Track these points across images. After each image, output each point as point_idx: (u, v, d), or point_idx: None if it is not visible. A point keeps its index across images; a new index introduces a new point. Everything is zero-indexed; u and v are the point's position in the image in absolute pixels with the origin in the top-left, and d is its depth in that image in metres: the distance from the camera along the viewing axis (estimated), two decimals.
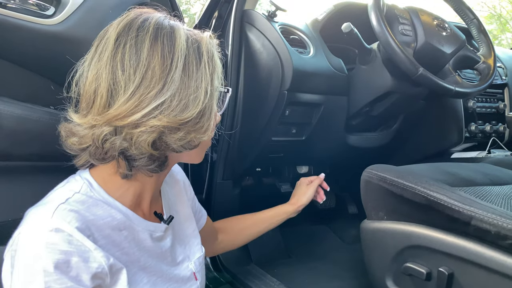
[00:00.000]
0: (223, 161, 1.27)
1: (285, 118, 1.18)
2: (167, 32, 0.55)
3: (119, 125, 0.53)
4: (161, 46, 0.54)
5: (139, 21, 0.56)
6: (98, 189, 0.59)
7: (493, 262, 0.71)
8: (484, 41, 1.31)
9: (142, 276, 0.60)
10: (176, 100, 0.54)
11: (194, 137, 0.57)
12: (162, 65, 0.54)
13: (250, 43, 1.18)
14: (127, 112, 0.53)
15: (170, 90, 0.53)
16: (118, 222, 0.58)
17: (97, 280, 0.52)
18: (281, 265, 1.38)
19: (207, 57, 0.57)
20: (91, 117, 0.55)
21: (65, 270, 0.49)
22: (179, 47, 0.55)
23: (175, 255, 0.70)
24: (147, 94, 0.53)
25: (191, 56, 0.56)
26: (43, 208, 0.53)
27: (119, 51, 0.54)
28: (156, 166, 0.58)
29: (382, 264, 0.93)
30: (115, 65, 0.53)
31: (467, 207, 0.75)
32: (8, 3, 0.71)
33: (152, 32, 0.55)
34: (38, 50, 0.75)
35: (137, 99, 0.53)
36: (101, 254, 0.52)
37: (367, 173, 0.94)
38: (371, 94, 1.26)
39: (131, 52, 0.54)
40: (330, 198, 1.75)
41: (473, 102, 1.48)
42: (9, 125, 0.70)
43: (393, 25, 1.16)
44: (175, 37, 0.55)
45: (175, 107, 0.54)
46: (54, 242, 0.49)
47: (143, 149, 0.54)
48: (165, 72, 0.54)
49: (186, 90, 0.55)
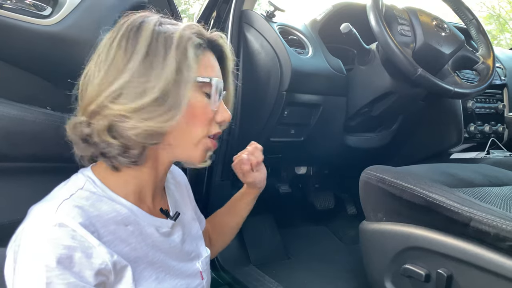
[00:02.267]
0: (221, 162, 1.26)
1: (284, 118, 1.18)
2: (134, 26, 0.58)
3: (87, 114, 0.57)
4: (126, 39, 0.57)
5: (121, 24, 0.59)
6: (101, 186, 0.59)
7: (492, 264, 0.71)
8: (483, 42, 1.31)
9: (151, 272, 0.60)
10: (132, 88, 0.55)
11: (149, 126, 0.56)
12: (124, 54, 0.56)
13: (249, 44, 1.18)
14: (89, 101, 0.57)
15: (124, 77, 0.55)
16: (123, 217, 0.58)
17: (100, 277, 0.52)
18: (280, 266, 1.37)
19: (176, 46, 0.57)
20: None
21: (68, 265, 0.49)
22: (143, 37, 0.57)
23: (185, 251, 0.69)
24: (106, 82, 0.56)
25: (156, 46, 0.57)
26: (47, 204, 0.53)
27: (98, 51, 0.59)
28: (129, 157, 0.58)
29: (381, 266, 0.92)
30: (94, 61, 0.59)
31: (466, 208, 0.74)
32: (5, 3, 0.70)
33: (125, 30, 0.58)
34: (35, 50, 0.74)
35: (98, 86, 0.56)
36: (105, 251, 0.52)
37: (366, 174, 0.94)
38: (370, 94, 1.25)
39: (105, 48, 0.58)
40: (329, 199, 1.75)
41: (472, 103, 1.47)
42: (5, 126, 0.70)
43: (392, 25, 1.15)
44: (141, 30, 0.58)
45: (129, 95, 0.55)
46: (58, 237, 0.49)
47: (102, 136, 0.56)
48: (124, 61, 0.56)
49: (143, 79, 0.55)
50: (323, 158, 1.47)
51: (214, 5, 1.25)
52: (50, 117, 0.74)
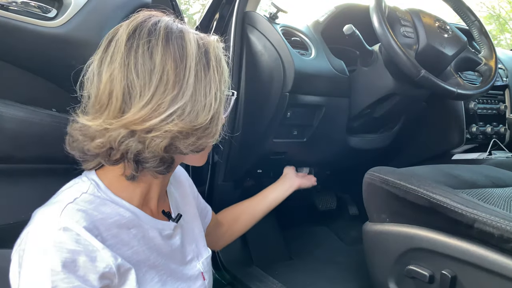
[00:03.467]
0: (224, 163, 1.27)
1: (287, 120, 1.18)
2: (177, 36, 0.56)
3: (135, 129, 0.54)
4: (173, 50, 0.54)
5: (149, 24, 0.56)
6: (105, 190, 0.59)
7: (496, 265, 0.71)
8: (486, 43, 1.31)
9: (153, 275, 0.60)
10: (190, 106, 0.55)
11: (204, 142, 0.58)
12: (175, 70, 0.54)
13: (252, 45, 1.18)
14: (145, 117, 0.53)
15: (186, 96, 0.54)
16: (127, 221, 0.59)
17: (104, 280, 0.52)
18: (283, 267, 1.38)
19: (215, 61, 0.58)
20: (104, 119, 0.55)
21: (73, 269, 0.49)
22: (190, 51, 0.55)
23: (185, 253, 0.70)
24: (163, 99, 0.53)
25: (201, 60, 0.56)
26: (51, 208, 0.53)
27: (131, 55, 0.54)
28: (164, 168, 0.59)
29: (384, 267, 0.93)
30: (130, 69, 0.54)
31: (470, 210, 0.75)
32: (10, 6, 0.71)
33: (163, 36, 0.55)
34: (40, 52, 0.74)
35: (155, 104, 0.53)
36: (109, 254, 0.52)
37: (370, 175, 0.94)
38: (373, 96, 1.25)
39: (144, 56, 0.54)
40: (331, 200, 1.75)
41: (474, 104, 1.48)
42: (11, 128, 0.70)
43: (395, 27, 1.16)
44: (185, 41, 0.56)
45: (189, 113, 0.55)
46: (62, 241, 0.49)
47: (155, 152, 0.55)
48: (178, 77, 0.54)
49: (198, 96, 0.55)
50: (325, 159, 1.47)
51: (216, 6, 1.26)
52: (55, 118, 0.74)
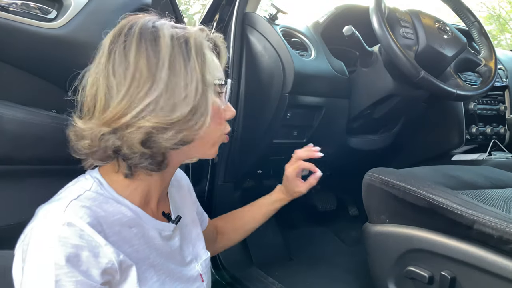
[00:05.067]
0: (224, 164, 1.27)
1: (287, 120, 1.18)
2: (150, 32, 0.56)
3: (115, 126, 0.55)
4: (145, 46, 0.55)
5: (127, 27, 0.57)
6: (108, 188, 0.60)
7: (495, 267, 0.71)
8: (485, 44, 1.31)
9: (152, 274, 0.60)
10: (164, 99, 0.55)
11: (185, 135, 0.57)
12: (148, 64, 0.55)
13: (252, 46, 1.18)
14: (120, 114, 0.54)
15: (158, 90, 0.54)
16: (128, 219, 0.59)
17: (106, 275, 0.53)
18: (283, 267, 1.38)
19: (195, 52, 0.57)
20: (94, 121, 0.57)
21: (76, 264, 0.50)
22: (163, 45, 0.56)
23: (184, 255, 0.70)
24: (136, 95, 0.54)
25: (177, 53, 0.56)
26: (55, 204, 0.54)
27: (111, 58, 0.56)
28: (152, 164, 0.58)
29: (384, 267, 0.93)
30: (109, 70, 0.55)
31: (469, 211, 0.75)
32: (10, 7, 0.71)
33: (137, 35, 0.56)
34: (40, 53, 0.75)
35: (128, 100, 0.54)
36: (111, 250, 0.53)
37: (369, 176, 0.94)
38: (373, 96, 1.26)
39: (120, 56, 0.55)
40: (331, 200, 1.75)
41: (474, 104, 1.48)
42: (11, 129, 0.70)
43: (395, 28, 1.16)
44: (158, 36, 0.56)
45: (164, 107, 0.54)
46: (66, 236, 0.50)
47: (134, 148, 0.55)
48: (151, 72, 0.55)
49: (174, 89, 0.55)
50: (325, 160, 1.47)
51: (217, 7, 1.26)
52: (55, 119, 0.75)
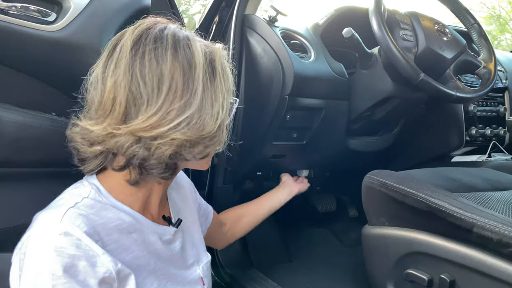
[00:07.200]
0: (223, 166, 1.27)
1: (286, 122, 1.18)
2: (185, 44, 0.55)
3: (142, 135, 0.54)
4: (181, 59, 0.54)
5: (156, 30, 0.56)
6: (106, 194, 0.59)
7: (494, 270, 0.71)
8: (485, 46, 1.31)
9: (152, 280, 0.60)
10: (197, 115, 0.55)
11: (211, 149, 0.58)
12: (183, 78, 0.54)
13: (251, 48, 1.18)
14: (154, 125, 0.53)
15: (194, 105, 0.54)
16: (128, 225, 0.59)
17: (104, 285, 0.52)
18: (282, 269, 1.37)
19: (221, 70, 0.58)
20: (107, 124, 0.55)
21: (73, 274, 0.49)
22: (198, 60, 0.55)
23: (186, 257, 0.70)
24: (172, 108, 0.53)
25: (208, 69, 0.56)
26: (52, 212, 0.54)
27: (136, 61, 0.54)
28: (169, 174, 0.59)
29: (383, 270, 0.93)
30: (135, 76, 0.53)
31: (468, 214, 0.75)
32: (10, 10, 0.71)
33: (171, 43, 0.55)
34: (40, 56, 0.75)
35: (164, 112, 0.53)
36: (109, 259, 0.53)
37: (369, 179, 0.94)
38: (372, 98, 1.25)
39: (151, 63, 0.53)
40: (331, 201, 1.75)
41: (474, 106, 1.48)
42: (10, 132, 0.70)
43: (394, 30, 1.16)
44: (193, 49, 0.56)
45: (197, 122, 0.55)
46: (63, 246, 0.50)
47: (161, 159, 0.55)
48: (186, 86, 0.54)
49: (206, 105, 0.55)
50: (325, 161, 1.47)
51: (216, 9, 1.26)
52: (55, 122, 0.75)
